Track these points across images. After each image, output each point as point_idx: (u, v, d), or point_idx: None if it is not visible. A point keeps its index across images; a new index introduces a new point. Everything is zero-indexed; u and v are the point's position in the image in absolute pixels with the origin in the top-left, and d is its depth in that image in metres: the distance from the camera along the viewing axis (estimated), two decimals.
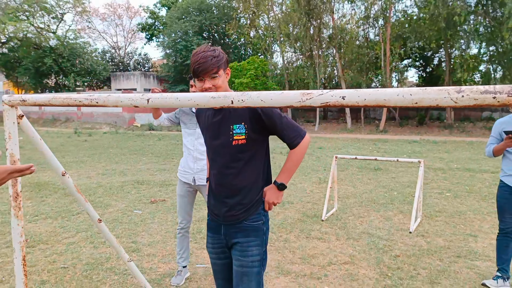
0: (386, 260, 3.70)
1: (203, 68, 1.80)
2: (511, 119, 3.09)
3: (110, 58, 37.34)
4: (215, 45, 13.23)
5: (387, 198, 6.09)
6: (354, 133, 20.76)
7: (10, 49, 29.90)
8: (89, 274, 3.33)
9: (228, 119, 1.88)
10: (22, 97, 1.97)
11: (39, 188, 6.53)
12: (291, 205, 5.67)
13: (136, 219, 4.95)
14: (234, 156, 1.87)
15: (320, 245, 4.09)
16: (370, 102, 1.13)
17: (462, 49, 21.42)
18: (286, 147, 1.89)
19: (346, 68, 24.02)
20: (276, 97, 1.28)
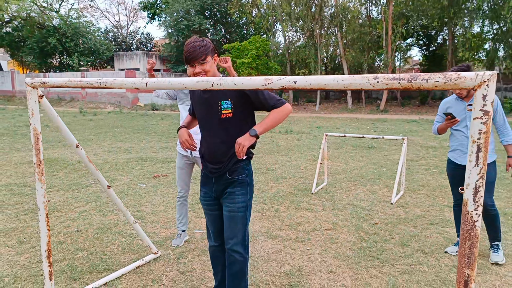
0: (365, 227, 4.11)
1: (193, 56, 2.16)
2: (453, 100, 3.30)
3: (112, 37, 37.34)
4: (217, 25, 13.59)
5: (376, 174, 6.47)
6: (355, 113, 20.99)
7: (14, 28, 30.04)
8: (99, 236, 3.77)
9: (217, 96, 2.23)
10: (42, 79, 2.34)
11: (50, 164, 6.96)
12: (284, 180, 6.07)
13: (140, 191, 5.37)
14: (222, 127, 2.24)
15: (307, 214, 4.50)
16: (314, 86, 1.49)
17: (466, 27, 21.29)
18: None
19: (348, 47, 24.01)
20: (246, 81, 1.65)
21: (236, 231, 2.28)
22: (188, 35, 26.46)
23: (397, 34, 20.79)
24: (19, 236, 3.75)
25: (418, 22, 22.48)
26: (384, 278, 3.01)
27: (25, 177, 6.07)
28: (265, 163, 7.35)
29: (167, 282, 2.94)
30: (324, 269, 3.16)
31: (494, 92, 1.23)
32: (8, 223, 4.08)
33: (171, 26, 27.97)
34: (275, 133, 11.81)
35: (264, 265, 3.23)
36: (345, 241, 3.74)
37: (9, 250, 3.44)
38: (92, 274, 3.04)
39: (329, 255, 3.42)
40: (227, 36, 30.27)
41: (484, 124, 1.24)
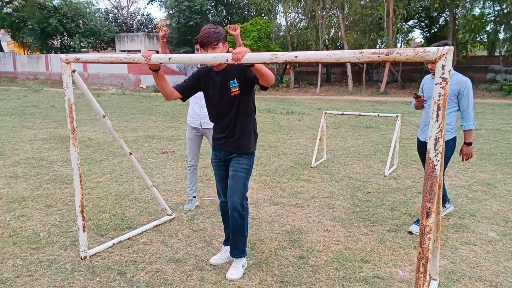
0: (359, 195, 4.50)
1: (207, 40, 2.48)
2: (429, 77, 3.54)
3: (113, 18, 37.18)
4: (218, 6, 13.79)
5: (372, 151, 6.84)
6: (355, 95, 21.22)
7: (15, 9, 29.97)
8: (118, 202, 4.17)
9: (226, 78, 2.60)
10: (76, 56, 2.68)
11: (63, 141, 7.33)
12: (285, 156, 6.44)
13: (151, 165, 5.75)
14: (233, 103, 2.61)
15: (307, 185, 4.88)
16: (312, 59, 1.84)
17: (467, 8, 21.27)
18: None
19: (349, 29, 24.05)
20: (255, 56, 2.00)
21: (237, 189, 2.66)
22: (189, 16, 26.46)
23: (398, 16, 20.81)
24: (46, 201, 4.15)
25: (420, 4, 22.47)
26: (373, 235, 3.41)
27: (40, 152, 6.44)
28: (267, 141, 7.71)
29: (182, 238, 3.34)
30: (320, 228, 3.56)
31: (451, 63, 1.57)
32: (34, 191, 4.47)
33: (173, 7, 27.90)
34: (277, 114, 12.14)
35: (268, 225, 3.63)
36: (341, 206, 4.13)
37: (39, 212, 3.84)
38: (116, 231, 3.44)
39: (325, 218, 3.81)
40: (229, 17, 30.19)
41: (442, 88, 1.59)
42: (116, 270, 2.79)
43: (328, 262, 2.94)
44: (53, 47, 31.14)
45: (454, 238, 3.37)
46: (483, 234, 3.45)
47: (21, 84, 25.76)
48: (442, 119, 1.61)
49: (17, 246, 3.12)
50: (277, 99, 18.21)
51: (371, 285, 2.64)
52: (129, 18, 38.83)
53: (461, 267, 2.89)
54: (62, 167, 5.54)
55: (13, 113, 11.49)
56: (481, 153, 6.65)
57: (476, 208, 4.09)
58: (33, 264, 2.85)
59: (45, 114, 11.49)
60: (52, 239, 3.25)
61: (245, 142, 2.70)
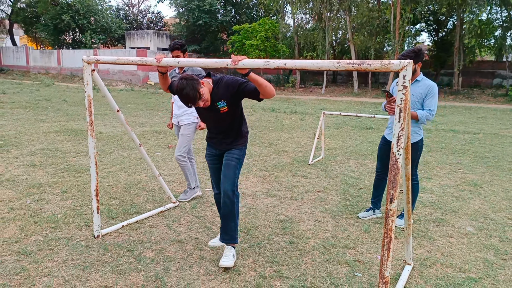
0: (351, 191, 4.81)
1: (192, 102, 2.57)
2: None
3: (123, 16, 37.70)
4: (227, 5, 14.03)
5: (368, 150, 7.13)
6: (360, 96, 21.45)
7: (28, 4, 30.58)
8: (127, 190, 4.52)
9: (213, 99, 2.76)
10: (96, 57, 3.02)
11: (75, 134, 7.72)
12: (285, 153, 6.76)
13: (157, 158, 6.11)
14: (222, 118, 2.85)
15: (303, 180, 5.20)
16: (298, 67, 2.16)
17: (476, 13, 21.36)
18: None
19: (356, 31, 24.26)
20: (250, 62, 2.33)
21: (228, 175, 2.86)
22: (198, 16, 26.83)
23: (405, 19, 21.00)
24: (61, 187, 4.52)
25: (427, 8, 22.63)
26: (360, 226, 3.73)
27: (55, 143, 6.83)
28: (268, 138, 8.04)
29: (185, 223, 3.69)
30: (311, 219, 3.88)
31: (411, 73, 1.88)
32: (50, 178, 4.84)
33: (182, 6, 28.30)
34: (281, 113, 12.46)
35: (263, 214, 3.96)
36: (332, 200, 4.45)
37: (55, 197, 4.20)
38: (125, 215, 3.80)
39: (317, 210, 4.13)
40: (237, 17, 30.53)
41: (404, 94, 1.91)
42: (125, 248, 3.14)
43: (315, 247, 3.27)
44: (65, 43, 31.73)
45: (434, 231, 3.67)
46: (461, 228, 3.75)
47: (33, 78, 26.34)
48: (403, 120, 1.93)
49: (38, 225, 3.49)
50: (282, 99, 18.52)
51: (351, 268, 2.95)
52: (139, 15, 39.36)
53: (435, 255, 3.20)
54: (75, 157, 5.91)
55: (27, 106, 11.94)
56: (474, 156, 6.91)
57: (460, 205, 4.38)
58: (53, 240, 3.21)
59: (57, 108, 11.92)
60: (68, 220, 3.61)
61: (237, 141, 2.97)
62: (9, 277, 2.66)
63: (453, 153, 7.14)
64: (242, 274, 2.81)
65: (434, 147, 7.65)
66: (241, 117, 2.96)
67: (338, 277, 2.80)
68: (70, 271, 2.76)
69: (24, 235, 3.28)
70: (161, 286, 2.63)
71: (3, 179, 4.74)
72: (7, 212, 3.76)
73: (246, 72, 2.45)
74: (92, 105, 3.14)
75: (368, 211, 3.98)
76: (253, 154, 6.60)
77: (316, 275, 2.82)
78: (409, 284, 2.75)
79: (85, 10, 28.73)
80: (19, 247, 3.07)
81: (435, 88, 3.51)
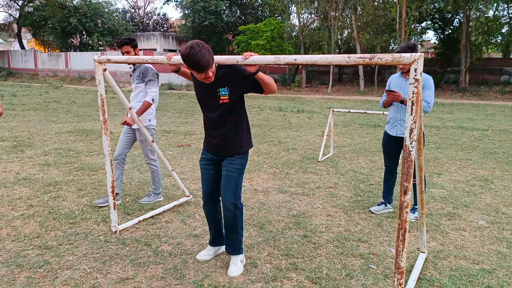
0: (362, 186, 4.85)
1: (205, 65, 2.30)
2: (397, 76, 3.79)
3: (130, 18, 38.00)
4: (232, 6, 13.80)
5: (377, 147, 7.16)
6: (366, 95, 21.43)
7: (36, 8, 30.94)
8: (141, 187, 4.60)
9: (216, 83, 2.53)
10: (107, 57, 3.05)
11: (86, 134, 7.83)
12: (294, 151, 6.81)
13: (168, 157, 6.18)
14: (221, 110, 2.60)
15: (313, 177, 5.25)
16: (308, 62, 2.20)
17: (483, 10, 21.24)
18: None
19: (362, 30, 24.23)
20: (261, 59, 2.35)
21: (229, 188, 2.66)
22: (204, 16, 26.97)
23: (411, 18, 20.94)
24: (77, 185, 4.61)
25: (433, 5, 22.53)
26: (372, 220, 3.77)
27: (67, 143, 6.94)
28: (277, 137, 8.09)
29: (199, 218, 3.75)
30: (324, 214, 3.93)
31: (422, 66, 1.92)
32: (65, 177, 4.94)
33: (188, 7, 28.46)
34: (288, 112, 12.51)
35: (276, 210, 4.01)
36: (344, 196, 4.49)
37: (72, 194, 4.29)
38: (141, 211, 3.87)
39: (329, 205, 4.18)
40: (242, 17, 30.62)
41: (416, 87, 1.95)
42: (143, 242, 3.21)
43: (329, 240, 3.31)
44: (72, 45, 32.04)
45: (446, 225, 3.70)
46: (473, 222, 3.78)
47: (42, 81, 26.63)
48: (416, 113, 1.97)
49: (57, 221, 3.57)
50: (288, 98, 18.56)
51: (366, 260, 3.00)
52: (145, 17, 39.62)
53: (448, 248, 3.23)
54: (87, 157, 6.01)
55: (38, 108, 12.10)
56: (484, 151, 6.91)
57: (471, 200, 4.40)
58: (72, 236, 3.29)
59: (67, 109, 12.07)
60: (86, 216, 3.69)
61: (238, 143, 2.70)
62: (33, 270, 2.74)
63: (462, 149, 7.14)
64: (258, 267, 2.86)
65: (443, 143, 7.66)
66: (242, 117, 2.70)
67: (353, 269, 2.85)
68: (91, 264, 2.83)
69: (44, 231, 3.37)
70: (180, 277, 2.69)
71: (19, 178, 4.85)
72: (26, 209, 3.85)
73: (255, 70, 2.41)
74: (105, 104, 3.20)
75: (380, 205, 4.02)
76: (263, 152, 6.66)
77: (331, 267, 2.87)
78: (424, 275, 2.79)
79: (92, 13, 29.00)
80: (40, 242, 3.16)
81: (430, 80, 3.57)
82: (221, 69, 2.55)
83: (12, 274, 2.67)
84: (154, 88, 3.85)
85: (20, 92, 17.84)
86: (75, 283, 2.59)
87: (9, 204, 3.95)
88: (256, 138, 7.81)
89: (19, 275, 2.67)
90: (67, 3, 28.96)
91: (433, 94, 3.57)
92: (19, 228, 3.41)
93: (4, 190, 4.38)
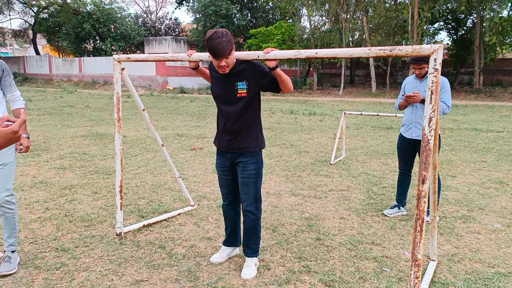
0: (375, 189, 4.82)
1: (222, 52, 2.37)
2: (411, 78, 3.75)
3: (142, 23, 38.46)
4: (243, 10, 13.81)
5: (390, 150, 7.10)
6: (378, 97, 21.28)
7: (51, 14, 31.55)
8: (155, 190, 4.66)
9: (234, 77, 2.57)
10: (127, 56, 3.10)
11: (100, 138, 7.96)
12: (306, 154, 6.80)
13: (181, 160, 6.24)
14: (238, 104, 2.60)
15: (325, 179, 5.24)
16: (329, 55, 2.24)
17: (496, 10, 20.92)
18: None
19: (373, 32, 24.09)
20: (281, 53, 2.39)
21: (248, 193, 2.71)
22: (215, 20, 27.15)
23: (423, 19, 20.75)
24: (92, 188, 4.69)
25: (446, 6, 22.30)
26: (385, 223, 3.75)
27: (82, 147, 7.06)
28: (289, 140, 8.09)
29: (212, 221, 3.78)
30: (336, 216, 3.92)
31: (441, 56, 1.92)
32: (80, 180, 5.03)
33: (199, 12, 28.68)
34: (299, 115, 12.50)
35: (288, 212, 4.02)
36: (356, 199, 4.47)
37: (87, 198, 4.37)
38: (155, 213, 3.92)
39: (341, 208, 4.17)
40: (253, 21, 30.73)
41: (435, 77, 1.95)
42: (157, 245, 3.25)
43: (342, 243, 3.31)
44: (85, 51, 32.57)
45: (460, 228, 3.66)
46: (488, 225, 3.72)
47: (56, 86, 27.12)
48: (435, 101, 1.97)
49: (73, 224, 3.64)
50: (300, 101, 18.54)
51: (379, 263, 2.98)
52: (157, 22, 40.06)
53: (463, 251, 3.19)
54: (102, 160, 6.10)
55: (53, 112, 12.33)
56: (499, 153, 6.80)
57: (486, 203, 4.34)
58: (88, 238, 3.35)
59: (81, 113, 12.28)
60: (101, 219, 3.75)
61: (250, 140, 2.69)
62: (51, 272, 2.80)
63: (476, 151, 7.05)
64: (271, 269, 2.88)
65: (457, 145, 7.56)
66: (257, 115, 2.71)
67: (366, 272, 2.84)
68: (107, 266, 2.88)
69: (60, 233, 3.44)
70: (194, 280, 2.72)
71: (36, 181, 4.95)
72: (43, 212, 3.94)
73: (274, 65, 2.44)
74: (120, 102, 3.25)
75: (393, 208, 3.99)
76: (275, 154, 6.67)
77: (345, 270, 2.86)
78: (438, 279, 2.76)
79: (105, 18, 29.45)
80: (57, 244, 3.22)
81: (446, 82, 3.57)
82: (241, 64, 2.59)
83: (30, 276, 2.74)
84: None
85: (35, 97, 18.20)
86: (91, 284, 2.64)
87: (27, 207, 4.04)
88: (268, 141, 7.82)
89: (37, 277, 2.73)
90: (81, 9, 29.47)
91: (450, 96, 3.57)
92: (36, 230, 3.49)
93: (21, 193, 4.48)
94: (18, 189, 4.62)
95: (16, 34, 38.91)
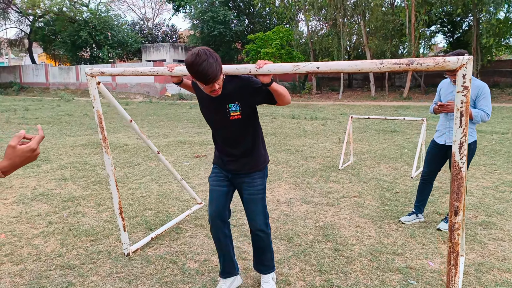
0: (388, 195, 4.68)
1: (213, 77, 2.02)
2: (447, 82, 3.62)
3: (139, 30, 38.37)
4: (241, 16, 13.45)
5: (398, 154, 6.97)
6: (378, 100, 21.20)
7: (46, 23, 31.42)
8: (161, 200, 4.49)
9: (225, 99, 2.27)
10: (100, 69, 2.80)
11: (101, 147, 7.78)
12: (313, 159, 6.66)
13: (186, 168, 6.08)
14: (233, 127, 2.35)
15: (336, 186, 5.09)
16: (333, 70, 1.94)
17: (492, 12, 20.97)
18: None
19: (371, 36, 24.09)
20: (277, 68, 2.04)
21: (257, 211, 2.50)
22: (213, 26, 27.09)
23: (420, 22, 20.77)
24: (95, 200, 4.52)
25: (442, 9, 22.32)
26: (404, 231, 3.60)
27: (82, 156, 6.89)
28: (294, 145, 7.95)
29: None
30: (352, 225, 3.77)
31: (471, 72, 1.72)
32: (83, 191, 4.86)
33: (196, 18, 28.64)
34: (301, 119, 12.37)
35: (302, 222, 3.86)
36: (370, 205, 4.33)
37: (91, 210, 4.20)
38: (163, 225, 3.75)
39: (356, 215, 4.02)
40: (251, 26, 30.71)
41: (464, 96, 1.74)
42: (168, 260, 3.09)
43: (362, 254, 3.15)
44: (82, 59, 32.42)
45: (483, 235, 3.52)
46: (511, 231, 3.58)
47: (53, 94, 26.91)
48: (465, 124, 1.77)
49: (78, 238, 3.47)
50: (300, 105, 18.43)
51: (404, 275, 2.83)
52: (154, 29, 40.00)
53: (490, 260, 3.05)
54: (104, 170, 5.93)
55: (50, 121, 12.15)
56: (508, 155, 6.69)
57: (504, 207, 4.20)
58: (94, 254, 3.18)
59: (80, 122, 12.10)
60: (107, 233, 3.59)
61: (256, 159, 2.48)
62: None
63: (485, 153, 6.93)
64: (291, 284, 2.72)
65: None
66: (257, 132, 2.47)
67: (391, 285, 2.69)
68: (117, 285, 2.72)
69: (65, 249, 3.27)
70: None
71: (37, 193, 4.78)
72: (46, 226, 3.76)
73: (269, 81, 2.11)
74: (103, 121, 2.93)
75: (411, 215, 3.85)
76: (281, 161, 6.52)
77: (369, 284, 2.71)
78: None
79: (101, 26, 29.33)
80: (63, 261, 3.05)
81: (486, 88, 3.39)
82: (229, 82, 2.26)
83: None
84: None
85: (32, 106, 18.01)
86: None
87: (28, 221, 3.87)
88: (272, 147, 7.68)
89: None
90: (77, 17, 29.36)
91: (490, 103, 3.41)
92: (39, 247, 3.32)
93: (22, 206, 4.31)
94: (18, 202, 4.45)
95: (12, 43, 38.69)
